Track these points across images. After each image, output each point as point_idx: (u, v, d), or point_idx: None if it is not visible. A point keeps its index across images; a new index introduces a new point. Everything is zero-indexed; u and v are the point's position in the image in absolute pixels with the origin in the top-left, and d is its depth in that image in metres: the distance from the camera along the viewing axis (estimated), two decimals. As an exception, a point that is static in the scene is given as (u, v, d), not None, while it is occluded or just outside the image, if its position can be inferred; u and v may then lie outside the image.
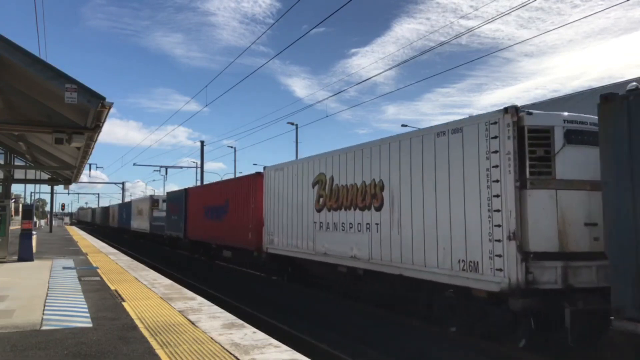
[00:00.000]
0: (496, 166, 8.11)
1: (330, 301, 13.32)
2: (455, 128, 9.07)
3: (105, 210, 70.69)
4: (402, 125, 38.76)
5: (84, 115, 9.63)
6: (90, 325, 6.69)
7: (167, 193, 31.17)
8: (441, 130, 9.42)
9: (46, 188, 71.06)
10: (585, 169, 7.94)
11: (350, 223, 11.99)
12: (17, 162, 20.09)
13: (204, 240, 24.09)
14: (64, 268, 13.81)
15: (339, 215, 12.47)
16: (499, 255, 7.93)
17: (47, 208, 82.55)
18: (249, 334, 6.09)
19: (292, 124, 39.02)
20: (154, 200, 37.21)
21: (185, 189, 27.95)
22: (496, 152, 8.13)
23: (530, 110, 8.17)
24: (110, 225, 59.15)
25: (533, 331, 7.86)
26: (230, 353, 5.26)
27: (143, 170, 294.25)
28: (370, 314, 11.56)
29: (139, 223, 41.00)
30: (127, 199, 67.91)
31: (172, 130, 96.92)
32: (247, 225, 18.36)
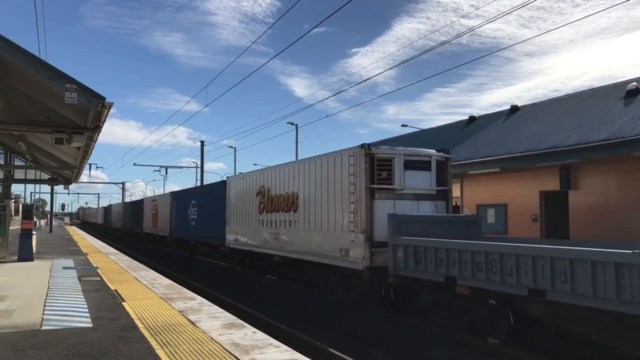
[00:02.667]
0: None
1: (329, 301, 13.31)
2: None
3: (134, 206, 43.34)
4: (402, 125, 38.66)
5: (84, 115, 9.63)
6: (90, 325, 6.68)
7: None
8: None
9: (46, 188, 70.73)
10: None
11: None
12: (17, 162, 20.08)
13: None
14: (64, 268, 13.80)
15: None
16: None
17: (47, 208, 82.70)
18: (249, 334, 6.09)
19: (292, 124, 38.95)
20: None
21: None
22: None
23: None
24: (147, 232, 36.25)
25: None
26: (230, 353, 5.26)
27: (143, 170, 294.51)
28: (370, 314, 11.56)
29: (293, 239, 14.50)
30: (127, 199, 63.57)
31: (172, 130, 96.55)
32: None
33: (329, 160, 12.92)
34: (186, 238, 26.23)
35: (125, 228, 46.15)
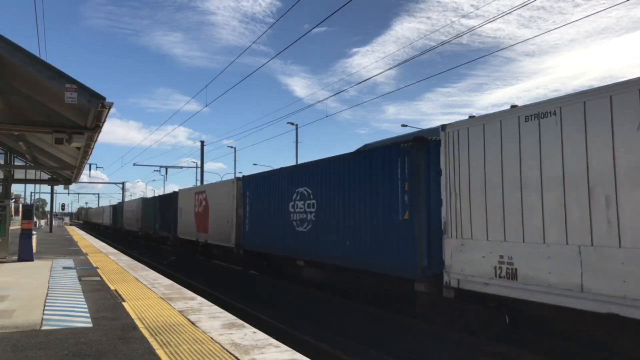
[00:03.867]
0: None
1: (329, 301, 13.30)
2: None
3: (162, 203, 31.53)
4: (402, 125, 38.75)
5: (84, 115, 9.62)
6: (90, 325, 6.68)
7: None
8: None
9: (46, 188, 71.02)
10: None
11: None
12: (17, 162, 20.07)
13: None
14: (64, 268, 13.80)
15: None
16: None
17: (47, 208, 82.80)
18: (249, 334, 6.09)
19: (292, 124, 39.02)
20: None
21: None
22: None
23: None
24: (185, 238, 25.64)
25: None
26: (230, 353, 5.26)
27: (143, 170, 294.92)
28: (370, 313, 11.55)
29: None
30: (127, 199, 63.29)
31: (172, 130, 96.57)
32: None
33: None
34: (283, 254, 15.34)
35: (146, 231, 34.86)
